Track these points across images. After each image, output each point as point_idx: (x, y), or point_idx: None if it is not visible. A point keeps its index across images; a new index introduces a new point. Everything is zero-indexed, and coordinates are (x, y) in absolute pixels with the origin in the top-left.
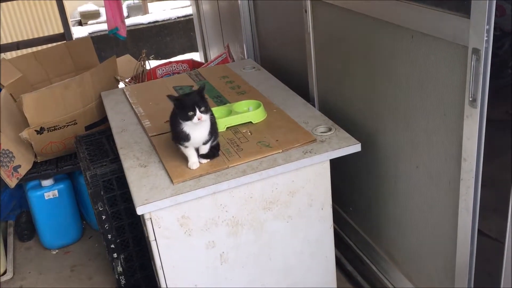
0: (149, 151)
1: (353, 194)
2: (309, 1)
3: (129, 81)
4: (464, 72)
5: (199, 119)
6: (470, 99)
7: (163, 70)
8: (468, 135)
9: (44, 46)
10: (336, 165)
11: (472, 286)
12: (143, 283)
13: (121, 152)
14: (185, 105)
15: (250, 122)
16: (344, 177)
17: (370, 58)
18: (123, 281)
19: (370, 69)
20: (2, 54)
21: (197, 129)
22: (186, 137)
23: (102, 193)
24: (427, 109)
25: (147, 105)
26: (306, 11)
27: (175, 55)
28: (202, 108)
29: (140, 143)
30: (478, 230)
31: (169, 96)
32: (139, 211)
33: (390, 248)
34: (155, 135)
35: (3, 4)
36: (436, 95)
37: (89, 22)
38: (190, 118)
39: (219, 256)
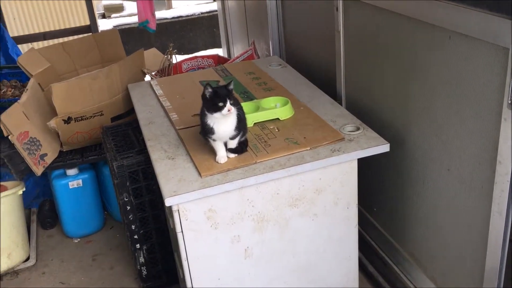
0: (177, 144)
1: (378, 194)
2: (341, 0)
3: (155, 74)
4: (503, 74)
5: (229, 111)
6: (509, 101)
7: (188, 64)
8: (505, 138)
9: (70, 38)
10: (361, 164)
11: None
12: (164, 274)
13: (149, 144)
14: (217, 95)
15: (277, 118)
16: (369, 177)
17: (403, 57)
18: (144, 272)
19: (403, 69)
20: (30, 44)
21: (225, 122)
22: (213, 130)
23: (127, 184)
24: (461, 111)
25: (174, 98)
26: (337, 9)
27: (198, 51)
28: (232, 101)
29: (167, 136)
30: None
31: (206, 85)
32: (168, 202)
33: (414, 250)
34: (183, 128)
35: None
36: (472, 97)
37: (112, 15)
38: (220, 109)
39: (243, 251)
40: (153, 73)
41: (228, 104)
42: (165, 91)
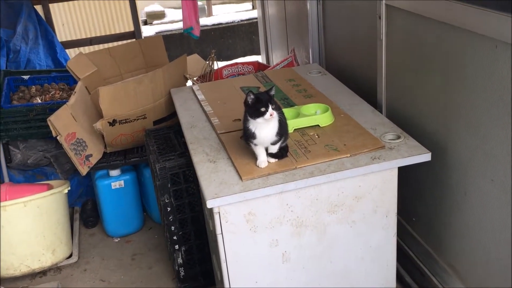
0: (218, 147)
1: (417, 203)
2: (384, 8)
3: (197, 80)
4: None
5: (271, 115)
6: None
7: (229, 70)
8: None
9: (115, 43)
10: (400, 173)
11: None
12: (201, 276)
13: (191, 147)
14: (259, 101)
15: (318, 125)
16: (408, 186)
17: (447, 67)
18: (182, 273)
19: (447, 78)
20: (77, 49)
21: (267, 127)
22: (255, 135)
23: (169, 185)
24: (506, 121)
25: (215, 103)
26: (380, 17)
27: (236, 57)
28: (274, 106)
29: (209, 139)
30: None
31: (248, 92)
32: (209, 204)
33: (453, 261)
34: (224, 133)
35: (79, 1)
36: None
37: (154, 22)
38: (262, 114)
39: (281, 255)
40: (195, 79)
41: (270, 109)
42: (206, 96)
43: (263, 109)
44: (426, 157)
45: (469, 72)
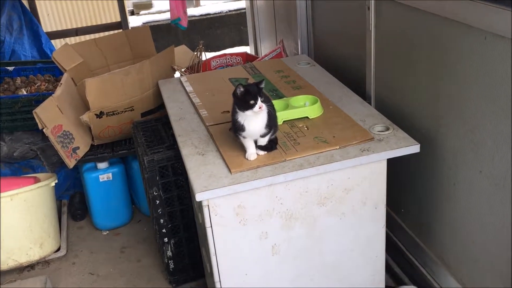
0: (207, 140)
1: (406, 195)
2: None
3: (185, 71)
4: None
5: (260, 108)
6: None
7: (217, 62)
8: None
9: (101, 33)
10: (389, 165)
11: None
12: (191, 269)
13: (179, 140)
14: (248, 93)
15: (307, 117)
16: (397, 178)
17: (436, 58)
18: (172, 265)
19: (436, 69)
20: (63, 40)
21: (256, 119)
22: (244, 128)
23: (157, 178)
24: (495, 112)
25: (204, 95)
26: (368, 9)
27: (225, 48)
28: (263, 98)
29: (197, 132)
30: None
31: (238, 85)
32: (198, 197)
33: (442, 252)
34: (212, 125)
35: None
36: (507, 98)
37: (141, 12)
38: (251, 107)
39: (271, 248)
40: (182, 70)
41: (259, 101)
42: (194, 87)
43: (252, 102)
44: (415, 148)
45: (458, 64)
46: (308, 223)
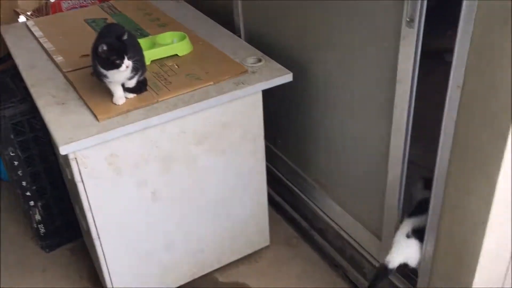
0: (66, 88)
1: (282, 127)
2: None
3: (31, 15)
4: None
5: (127, 67)
6: (407, 19)
7: (69, 3)
8: (404, 57)
9: None
10: (265, 98)
11: (401, 204)
12: (64, 229)
13: (33, 91)
14: (113, 52)
15: (176, 55)
16: (273, 110)
17: None
18: (42, 230)
19: None
20: None
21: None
22: (107, 76)
23: (12, 136)
24: (362, 33)
25: (57, 39)
26: None
27: None
28: (129, 55)
29: (54, 80)
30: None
31: (100, 45)
32: (63, 150)
33: (319, 176)
34: (71, 71)
35: None
36: (371, 19)
37: None
38: (117, 66)
39: (151, 194)
40: (28, 13)
41: (126, 60)
42: (45, 32)
43: (118, 61)
44: (287, 78)
45: None
46: (188, 164)
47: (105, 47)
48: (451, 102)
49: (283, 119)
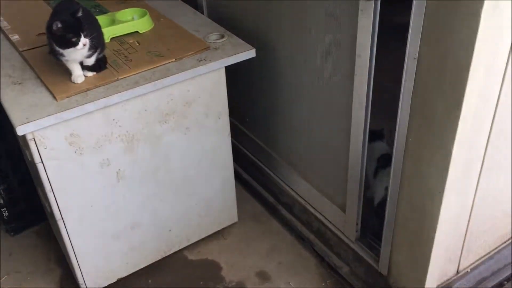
0: (22, 67)
1: (249, 105)
2: None
3: None
4: None
5: (84, 45)
6: None
7: None
8: (363, 30)
9: None
10: (230, 76)
11: (364, 174)
12: (29, 213)
13: None
14: (68, 30)
15: (137, 32)
16: (239, 89)
17: None
18: (5, 214)
19: None
20: None
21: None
22: (64, 54)
23: None
24: (323, 8)
25: (11, 17)
26: None
27: None
28: (86, 31)
29: (10, 59)
30: None
31: (55, 22)
32: (20, 131)
33: (286, 153)
34: (28, 50)
35: None
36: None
37: None
38: (73, 45)
39: (115, 174)
40: None
41: (82, 38)
42: (0, 10)
43: (74, 39)
44: (250, 53)
45: None
46: (151, 143)
47: (59, 25)
48: (408, 74)
49: (250, 98)
